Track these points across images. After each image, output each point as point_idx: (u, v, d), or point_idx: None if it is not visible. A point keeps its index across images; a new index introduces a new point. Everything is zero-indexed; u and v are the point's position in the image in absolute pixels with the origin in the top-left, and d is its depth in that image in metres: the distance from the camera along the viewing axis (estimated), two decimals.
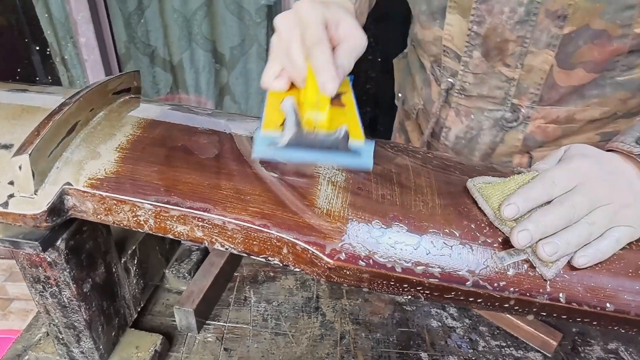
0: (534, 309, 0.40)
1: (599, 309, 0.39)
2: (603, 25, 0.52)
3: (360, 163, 0.39)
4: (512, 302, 0.40)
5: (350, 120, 0.43)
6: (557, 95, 0.60)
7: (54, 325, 0.51)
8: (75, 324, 0.50)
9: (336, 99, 0.44)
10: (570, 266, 0.39)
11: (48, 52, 1.60)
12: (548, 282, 0.39)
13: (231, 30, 1.49)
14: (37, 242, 0.41)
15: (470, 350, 0.60)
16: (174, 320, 0.61)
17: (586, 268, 0.39)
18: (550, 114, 0.62)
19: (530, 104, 0.62)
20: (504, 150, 0.67)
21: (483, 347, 0.60)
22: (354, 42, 0.44)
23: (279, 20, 0.45)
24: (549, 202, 0.40)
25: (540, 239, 0.38)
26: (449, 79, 0.66)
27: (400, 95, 0.88)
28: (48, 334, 0.57)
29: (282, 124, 0.40)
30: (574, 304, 0.39)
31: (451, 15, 0.61)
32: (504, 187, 0.41)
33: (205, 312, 0.62)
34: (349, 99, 0.47)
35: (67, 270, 0.45)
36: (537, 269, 0.38)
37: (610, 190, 0.40)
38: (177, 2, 1.46)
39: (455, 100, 0.67)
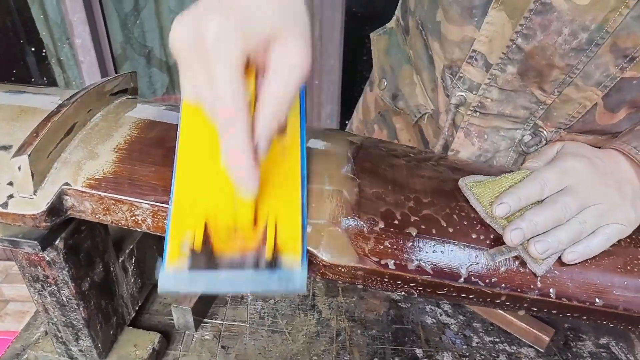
0: (525, 305, 0.41)
1: (588, 304, 0.40)
2: None
3: (289, 286, 0.33)
4: (503, 298, 0.40)
5: (285, 205, 0.36)
6: (589, 128, 0.53)
7: (52, 324, 0.52)
8: (74, 322, 0.50)
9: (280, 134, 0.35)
10: (560, 262, 0.40)
11: (44, 54, 1.60)
12: (539, 278, 0.40)
13: None
14: (36, 242, 0.42)
15: (465, 346, 0.61)
16: (172, 319, 0.61)
17: (576, 264, 0.40)
18: (575, 140, 0.54)
19: (555, 129, 0.54)
20: None
21: (477, 343, 0.61)
22: (292, 69, 0.29)
23: (174, 39, 0.30)
24: (540, 201, 0.40)
25: (531, 237, 0.39)
26: (462, 93, 0.55)
27: (385, 83, 0.70)
28: (47, 333, 0.58)
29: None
30: (564, 299, 0.40)
31: (495, 12, 0.48)
32: (495, 186, 0.42)
33: (202, 310, 0.63)
34: (294, 138, 0.38)
35: (66, 269, 0.46)
36: (528, 266, 0.39)
37: (601, 191, 0.41)
38: (173, 2, 1.46)
39: (467, 119, 0.56)
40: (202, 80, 0.29)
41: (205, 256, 0.33)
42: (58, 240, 0.44)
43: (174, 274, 0.33)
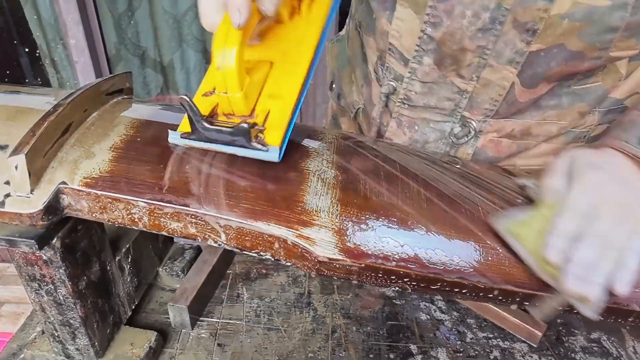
0: (517, 299, 0.42)
1: None
2: (581, 46, 0.47)
3: (266, 156, 0.40)
4: (496, 293, 0.41)
5: (280, 103, 0.42)
6: (515, 109, 0.55)
7: (49, 323, 0.52)
8: (71, 321, 0.51)
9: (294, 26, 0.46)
10: None
11: (37, 54, 1.60)
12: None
13: None
14: (33, 241, 0.42)
15: (459, 342, 0.61)
16: (168, 318, 0.62)
17: None
18: (505, 128, 0.56)
19: (483, 118, 0.55)
20: None
21: (471, 338, 0.62)
22: None
23: None
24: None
25: None
26: (391, 82, 0.58)
27: (334, 86, 0.75)
28: (43, 332, 0.58)
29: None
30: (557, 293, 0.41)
31: (402, 9, 0.51)
32: (534, 224, 0.40)
33: (198, 309, 0.63)
34: (308, 46, 0.45)
35: (63, 268, 0.46)
36: (579, 310, 0.38)
37: (627, 204, 0.40)
38: (167, 3, 1.46)
39: (397, 109, 0.59)
40: None
41: (205, 124, 0.40)
42: (55, 239, 0.44)
43: (181, 136, 0.42)
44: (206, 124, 0.40)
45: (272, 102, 0.42)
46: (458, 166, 0.49)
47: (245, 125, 0.39)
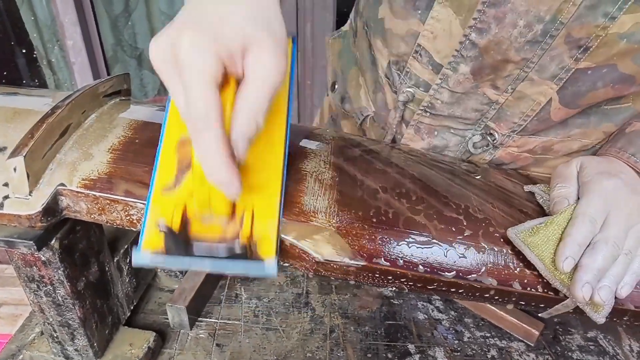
0: (514, 299, 0.42)
1: None
2: (633, 70, 0.45)
3: (260, 272, 0.35)
4: (492, 292, 0.42)
5: (264, 199, 0.37)
6: (544, 127, 0.52)
7: (48, 323, 0.52)
8: (70, 322, 0.51)
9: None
10: None
11: (34, 56, 1.60)
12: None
13: None
14: (31, 242, 0.42)
15: (456, 341, 0.62)
16: (167, 318, 0.62)
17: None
18: (527, 144, 0.54)
19: (508, 132, 0.52)
20: None
21: (468, 338, 0.62)
22: (265, 76, 0.30)
23: (152, 56, 0.32)
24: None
25: None
26: (409, 89, 0.54)
27: (336, 86, 0.70)
28: (42, 333, 0.58)
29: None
30: (551, 293, 0.41)
31: (441, 8, 0.47)
32: (548, 233, 0.41)
33: (197, 309, 0.64)
34: (274, 163, 0.39)
35: (61, 269, 0.46)
36: (587, 314, 0.39)
37: (636, 211, 0.40)
38: (163, 4, 1.47)
39: (417, 118, 0.55)
40: (178, 91, 0.31)
41: (182, 240, 0.35)
42: (53, 240, 0.45)
43: (150, 254, 0.34)
44: (191, 241, 0.34)
45: (254, 195, 0.38)
46: (464, 166, 0.49)
47: (238, 245, 0.34)
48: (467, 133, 0.55)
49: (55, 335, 0.53)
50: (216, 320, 0.64)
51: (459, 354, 0.60)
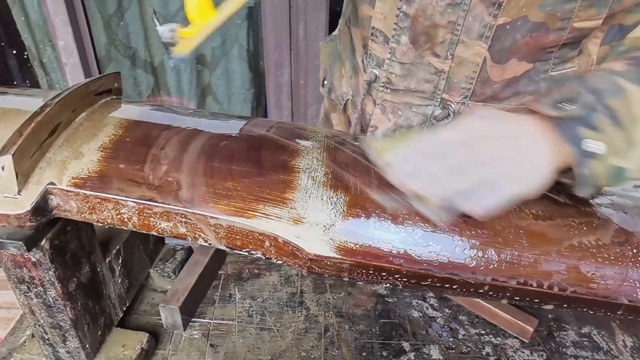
0: (508, 294, 0.42)
1: (568, 292, 0.41)
2: (542, 17, 0.49)
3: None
4: (486, 288, 0.41)
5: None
6: (491, 90, 0.56)
7: (39, 325, 0.51)
8: (61, 323, 0.50)
9: None
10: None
11: (26, 56, 1.58)
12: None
13: None
14: (21, 242, 0.42)
15: (451, 339, 0.62)
16: (160, 319, 0.62)
17: (563, 254, 0.41)
18: None
19: (461, 99, 0.57)
20: None
21: (463, 335, 0.62)
22: None
23: None
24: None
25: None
26: (374, 69, 0.60)
27: (326, 82, 0.79)
28: (33, 336, 0.57)
29: None
30: (545, 287, 0.41)
31: None
32: (394, 142, 0.43)
33: (190, 309, 0.63)
34: None
35: (52, 269, 0.46)
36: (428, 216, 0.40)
37: (494, 147, 0.40)
38: (157, 3, 1.46)
39: (381, 95, 0.61)
40: None
41: None
42: (44, 240, 0.44)
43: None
44: None
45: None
46: None
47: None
48: (427, 110, 0.59)
49: (46, 338, 0.52)
50: (210, 321, 0.63)
51: (453, 351, 0.60)
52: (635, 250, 0.44)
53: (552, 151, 0.41)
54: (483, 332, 0.63)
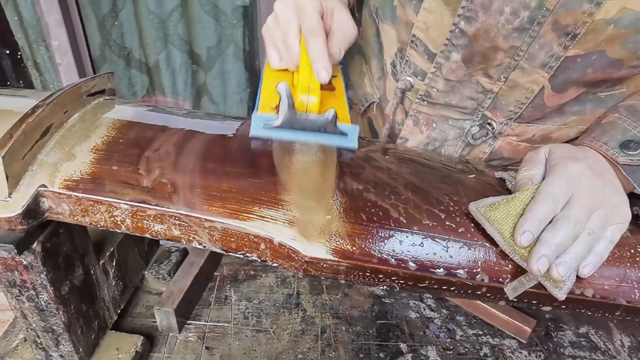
0: (506, 295, 0.42)
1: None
2: (622, 55, 0.45)
3: (347, 143, 0.46)
4: (484, 289, 0.41)
5: (339, 104, 0.49)
6: (540, 114, 0.53)
7: (31, 329, 0.51)
8: (54, 327, 0.49)
9: (327, 84, 0.49)
10: None
11: (19, 56, 1.57)
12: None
13: (207, 30, 1.48)
14: (12, 245, 0.41)
15: (448, 340, 0.61)
16: (155, 321, 0.61)
17: None
18: (526, 133, 0.54)
19: (505, 120, 0.53)
20: None
21: (460, 336, 0.62)
22: (346, 32, 0.50)
23: (278, 6, 0.49)
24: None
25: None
26: (409, 77, 0.56)
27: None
28: (25, 340, 0.57)
29: (277, 107, 0.46)
30: (542, 289, 0.41)
31: (431, 0, 0.49)
32: (509, 209, 0.40)
33: (186, 312, 0.62)
34: (339, 83, 0.53)
35: (44, 273, 0.45)
36: (549, 291, 0.39)
37: (601, 194, 0.41)
38: (152, 3, 1.45)
39: (415, 107, 0.57)
40: (294, 24, 0.48)
41: (289, 113, 0.45)
42: (35, 243, 0.43)
43: (263, 121, 0.45)
44: (297, 112, 0.45)
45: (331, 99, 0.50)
46: (459, 166, 0.49)
47: (333, 111, 0.45)
48: (465, 124, 0.55)
49: (39, 342, 0.51)
50: (205, 323, 0.63)
51: (451, 352, 0.60)
52: (632, 251, 0.43)
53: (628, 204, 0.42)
54: (481, 332, 0.63)
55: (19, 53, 1.55)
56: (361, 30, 0.66)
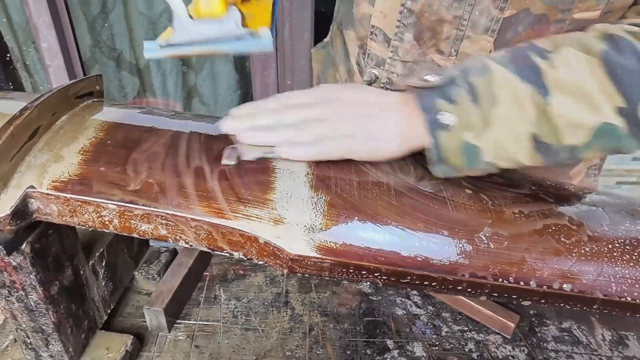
0: (486, 290, 0.43)
1: (545, 287, 0.42)
2: (543, 9, 0.48)
3: (260, 47, 0.40)
4: (464, 285, 0.42)
5: (259, 6, 0.43)
6: None
7: (21, 330, 0.51)
8: (44, 327, 0.50)
9: None
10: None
11: (8, 58, 1.57)
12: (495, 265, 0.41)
13: None
14: (0, 246, 0.42)
15: (434, 336, 0.62)
16: (145, 321, 0.61)
17: (540, 251, 0.42)
18: None
19: None
20: None
21: (446, 332, 0.63)
22: None
23: None
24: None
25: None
26: (373, 69, 0.58)
27: None
28: (15, 340, 0.57)
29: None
30: (522, 283, 0.42)
31: None
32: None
33: (175, 311, 0.63)
34: None
35: (33, 273, 0.46)
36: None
37: (343, 113, 0.44)
38: (141, 5, 1.45)
39: None
40: None
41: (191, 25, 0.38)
42: (24, 244, 0.44)
43: (160, 45, 0.40)
44: (192, 19, 0.38)
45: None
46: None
47: (234, 10, 0.38)
48: None
49: (28, 342, 0.52)
50: (195, 322, 0.63)
51: (437, 348, 0.61)
52: (610, 247, 0.45)
53: (407, 122, 0.44)
54: (466, 328, 0.64)
55: (9, 55, 1.55)
56: (333, 44, 0.70)
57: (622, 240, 0.45)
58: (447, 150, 0.43)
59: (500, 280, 0.42)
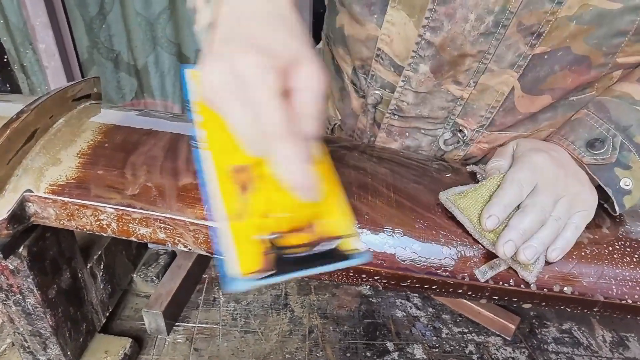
0: (486, 293, 0.43)
1: (546, 290, 0.42)
2: (586, 50, 0.45)
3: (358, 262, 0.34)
4: (465, 288, 0.42)
5: (334, 207, 0.36)
6: (513, 121, 0.51)
7: (19, 334, 0.51)
8: (41, 331, 0.50)
9: None
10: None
11: (6, 59, 1.56)
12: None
13: None
14: None
15: (434, 338, 0.62)
16: (143, 324, 0.61)
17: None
18: (497, 140, 0.53)
19: (477, 127, 0.52)
20: None
21: (446, 334, 0.63)
22: (317, 87, 0.29)
23: (209, 83, 0.29)
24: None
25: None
26: (377, 91, 0.54)
27: None
28: (13, 344, 0.57)
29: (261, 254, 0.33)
30: (522, 286, 0.42)
31: (394, 12, 0.48)
32: (477, 196, 0.42)
33: (174, 314, 0.63)
34: (325, 167, 0.37)
35: (31, 277, 0.45)
36: (519, 275, 0.41)
37: (563, 183, 0.43)
38: (139, 5, 1.44)
39: (387, 121, 0.55)
40: (239, 113, 0.28)
41: (278, 259, 0.33)
42: (21, 247, 0.44)
43: (250, 279, 0.32)
44: (284, 255, 0.32)
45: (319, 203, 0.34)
46: (435, 165, 0.50)
47: (328, 244, 0.33)
48: (437, 132, 0.55)
49: (26, 346, 0.52)
50: (194, 325, 0.63)
51: (437, 350, 0.60)
52: (610, 249, 0.45)
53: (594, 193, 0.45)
54: (466, 330, 0.64)
55: (6, 56, 1.54)
56: (324, 55, 0.65)
57: (622, 242, 0.45)
58: (629, 207, 0.46)
59: (500, 283, 0.42)
